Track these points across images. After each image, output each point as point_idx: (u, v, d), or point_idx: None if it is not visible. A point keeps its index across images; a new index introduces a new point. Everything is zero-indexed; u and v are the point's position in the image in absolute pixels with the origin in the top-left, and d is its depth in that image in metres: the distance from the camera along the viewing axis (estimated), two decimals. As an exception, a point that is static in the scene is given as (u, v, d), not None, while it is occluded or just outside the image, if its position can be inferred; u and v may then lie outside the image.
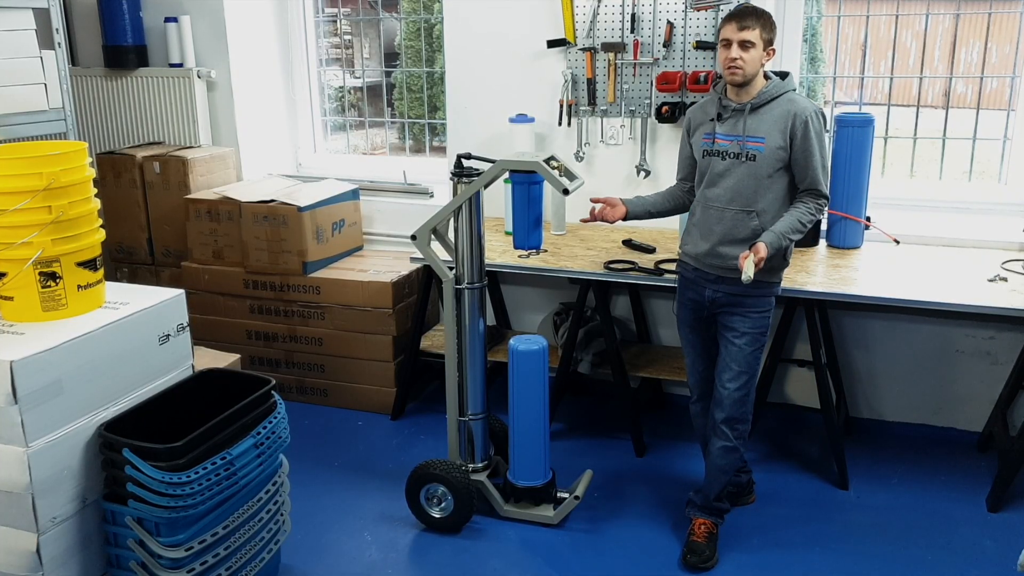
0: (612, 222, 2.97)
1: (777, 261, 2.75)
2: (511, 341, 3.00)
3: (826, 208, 2.74)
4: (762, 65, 2.66)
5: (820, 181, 2.67)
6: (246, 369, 3.78)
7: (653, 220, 3.77)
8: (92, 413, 2.31)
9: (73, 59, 4.51)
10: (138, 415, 2.40)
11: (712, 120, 2.75)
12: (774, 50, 2.67)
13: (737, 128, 2.69)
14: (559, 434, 3.74)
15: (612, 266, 3.32)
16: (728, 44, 2.62)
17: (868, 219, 3.53)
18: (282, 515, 2.70)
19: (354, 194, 4.20)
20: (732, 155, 2.71)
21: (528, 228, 2.94)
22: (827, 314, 3.53)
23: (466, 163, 2.95)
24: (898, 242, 3.53)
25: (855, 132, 3.39)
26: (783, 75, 2.76)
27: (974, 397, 3.63)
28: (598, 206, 2.96)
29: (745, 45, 2.60)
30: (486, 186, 2.88)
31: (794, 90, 2.71)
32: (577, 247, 3.59)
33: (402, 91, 4.78)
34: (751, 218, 2.69)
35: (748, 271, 2.55)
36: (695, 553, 2.84)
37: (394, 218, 4.27)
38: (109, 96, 4.45)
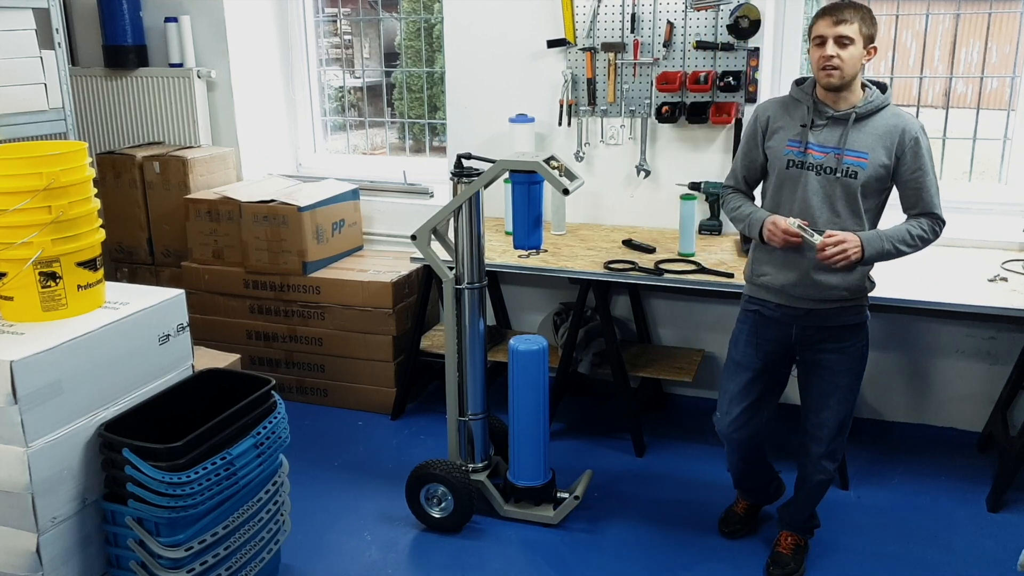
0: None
1: (868, 285, 2.51)
2: (511, 341, 3.00)
3: (942, 231, 2.45)
4: (862, 66, 2.36)
5: (936, 204, 2.41)
6: (246, 369, 3.78)
7: (653, 220, 3.83)
8: (92, 413, 2.31)
9: (73, 59, 4.51)
10: (138, 415, 2.40)
11: (804, 127, 2.41)
12: (875, 48, 2.36)
13: (837, 139, 2.38)
14: (559, 434, 3.74)
15: (612, 266, 3.32)
16: (822, 42, 2.31)
17: (868, 219, 3.52)
18: (282, 515, 2.70)
19: (354, 194, 4.21)
20: (828, 170, 2.38)
21: (528, 228, 2.94)
22: (827, 314, 3.52)
23: (466, 163, 2.95)
24: (898, 242, 3.52)
25: (855, 132, 3.38)
26: (882, 87, 2.45)
27: (974, 397, 3.63)
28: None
29: (842, 41, 2.29)
30: (486, 186, 2.88)
31: (892, 103, 2.44)
32: (577, 247, 3.59)
33: (402, 91, 4.78)
34: None
35: (811, 234, 2.29)
36: (779, 565, 2.74)
37: (394, 218, 4.27)
38: (109, 96, 4.45)
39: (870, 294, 2.58)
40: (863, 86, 2.43)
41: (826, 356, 2.54)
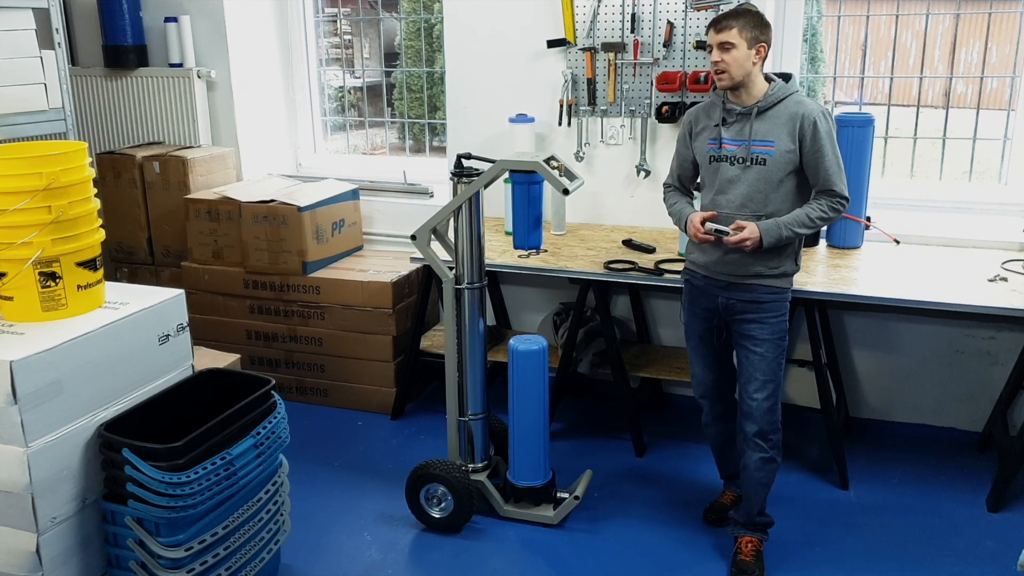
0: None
1: (789, 265, 2.70)
2: (511, 341, 3.00)
3: (845, 206, 2.63)
4: (753, 64, 2.57)
5: (834, 181, 2.59)
6: (246, 369, 3.78)
7: (653, 220, 3.83)
8: (92, 413, 2.31)
9: (73, 59, 4.51)
10: (138, 415, 2.40)
11: (717, 125, 2.67)
12: (764, 46, 2.56)
13: (743, 132, 2.62)
14: (559, 434, 3.74)
15: (612, 266, 3.32)
16: (711, 50, 2.59)
17: (868, 219, 3.53)
18: (282, 515, 2.70)
19: (354, 194, 4.21)
20: (740, 160, 2.63)
21: (528, 228, 2.94)
22: (827, 314, 3.52)
23: (466, 163, 2.95)
24: (898, 242, 3.53)
25: (855, 132, 3.39)
26: (786, 77, 2.69)
27: (974, 397, 3.63)
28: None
29: (725, 47, 2.54)
30: (486, 186, 2.88)
31: (797, 91, 2.65)
32: (577, 247, 3.59)
33: (402, 91, 4.78)
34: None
35: (723, 230, 2.56)
36: (744, 572, 2.75)
37: (394, 218, 4.27)
38: (109, 96, 4.45)
39: (796, 276, 2.83)
40: (768, 79, 2.65)
41: (749, 327, 2.72)
